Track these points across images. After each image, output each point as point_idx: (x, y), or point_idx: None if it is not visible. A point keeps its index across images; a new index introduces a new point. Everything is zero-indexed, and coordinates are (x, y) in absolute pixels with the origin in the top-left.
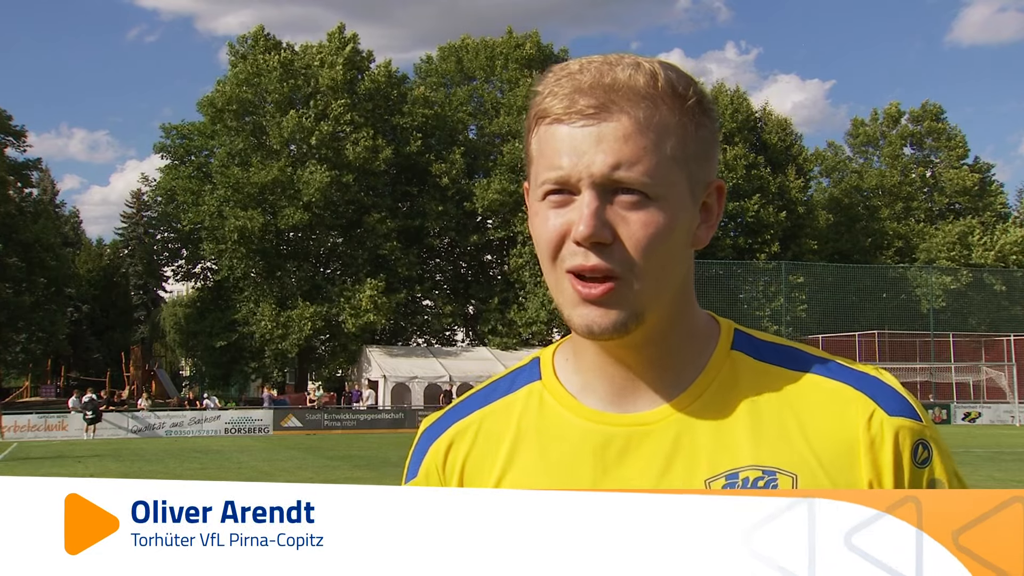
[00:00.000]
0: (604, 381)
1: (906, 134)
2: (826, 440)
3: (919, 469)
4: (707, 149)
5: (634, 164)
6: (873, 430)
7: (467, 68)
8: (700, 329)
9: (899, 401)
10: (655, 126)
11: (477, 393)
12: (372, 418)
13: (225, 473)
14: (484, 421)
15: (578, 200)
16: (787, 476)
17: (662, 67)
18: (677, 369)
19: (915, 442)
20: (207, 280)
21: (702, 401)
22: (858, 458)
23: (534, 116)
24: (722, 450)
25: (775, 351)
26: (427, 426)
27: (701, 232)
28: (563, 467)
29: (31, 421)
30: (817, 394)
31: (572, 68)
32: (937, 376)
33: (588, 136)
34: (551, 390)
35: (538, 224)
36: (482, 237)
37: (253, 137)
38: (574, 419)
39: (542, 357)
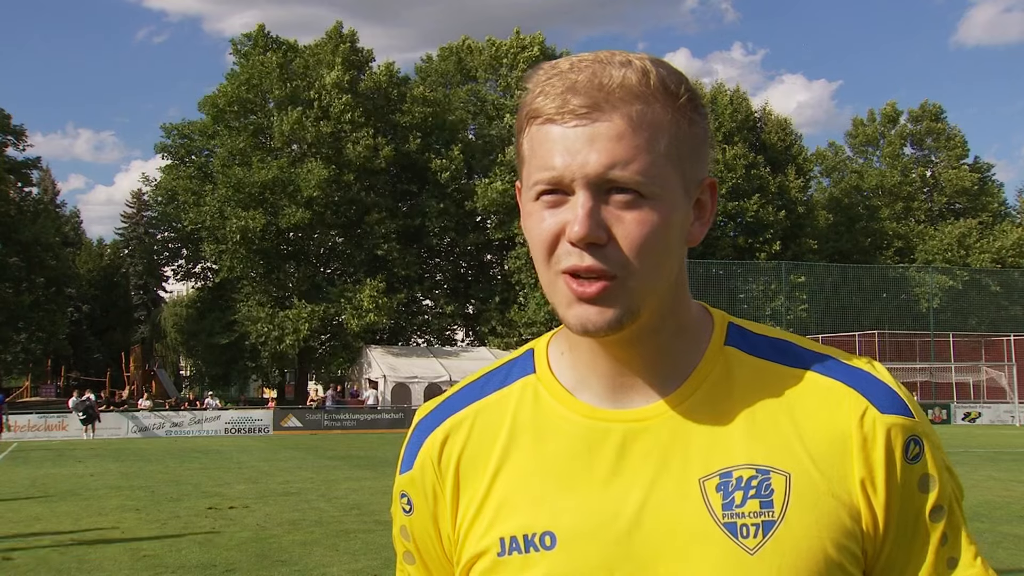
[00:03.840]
0: (599, 376)
1: (906, 134)
2: (819, 438)
3: (910, 465)
4: (700, 146)
5: (628, 163)
6: (866, 428)
7: (467, 68)
8: (693, 323)
9: (891, 397)
10: (648, 124)
11: (471, 385)
12: (372, 418)
13: (225, 473)
14: (479, 415)
15: (572, 200)
16: (781, 475)
17: (653, 64)
18: (671, 364)
19: (907, 439)
20: (207, 280)
21: (696, 398)
22: (851, 456)
23: (525, 116)
24: (716, 448)
25: (769, 345)
26: (421, 417)
27: (695, 229)
28: (558, 463)
29: (31, 421)
30: (811, 391)
31: (563, 67)
32: (937, 376)
33: (581, 136)
34: (546, 384)
35: (532, 224)
36: (482, 237)
37: (254, 136)
38: (569, 414)
39: (536, 349)
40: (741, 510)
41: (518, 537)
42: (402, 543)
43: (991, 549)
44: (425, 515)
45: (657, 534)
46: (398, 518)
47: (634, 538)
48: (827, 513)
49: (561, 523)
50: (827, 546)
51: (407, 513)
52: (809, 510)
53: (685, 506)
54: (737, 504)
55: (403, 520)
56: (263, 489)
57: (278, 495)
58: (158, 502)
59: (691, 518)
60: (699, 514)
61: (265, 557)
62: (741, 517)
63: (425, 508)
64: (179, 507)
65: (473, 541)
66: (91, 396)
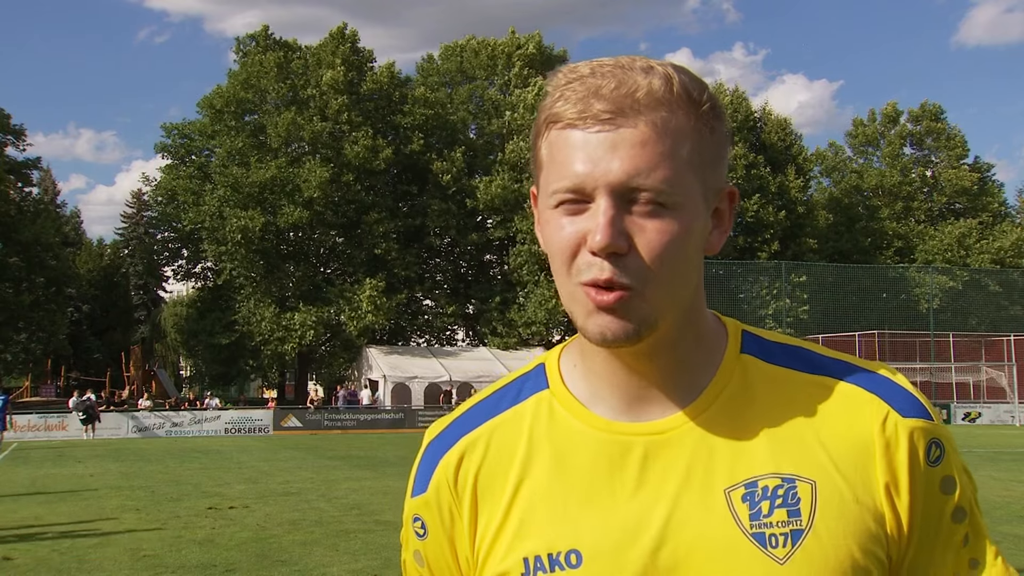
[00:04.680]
0: (614, 389)
1: (905, 134)
2: (841, 444)
3: (933, 468)
4: (720, 154)
5: (651, 171)
6: (888, 432)
7: (468, 68)
8: (709, 333)
9: (911, 402)
10: (672, 132)
11: (483, 402)
12: (372, 418)
13: (225, 473)
14: (495, 432)
15: (593, 208)
16: (806, 483)
17: (675, 71)
18: (688, 375)
19: (928, 442)
20: (207, 280)
21: (715, 408)
22: (874, 461)
23: (544, 120)
24: (740, 459)
25: (785, 353)
26: (432, 438)
27: (713, 238)
28: (579, 479)
29: (31, 421)
30: (830, 398)
31: (583, 71)
32: (937, 376)
33: (603, 142)
34: (560, 399)
35: (551, 232)
36: (482, 236)
37: (252, 136)
38: (586, 429)
39: (547, 363)
40: (769, 520)
41: (542, 556)
42: (416, 569)
43: None
44: (441, 538)
45: (684, 547)
46: (411, 543)
47: (661, 553)
48: (854, 520)
49: (585, 540)
50: (855, 552)
51: (421, 537)
52: (836, 517)
53: (711, 518)
54: (764, 514)
55: (416, 545)
56: (263, 489)
57: (278, 495)
58: (158, 502)
59: (718, 530)
60: (726, 525)
61: (265, 557)
62: (769, 527)
63: (441, 531)
64: (179, 507)
65: (494, 562)
66: (91, 396)
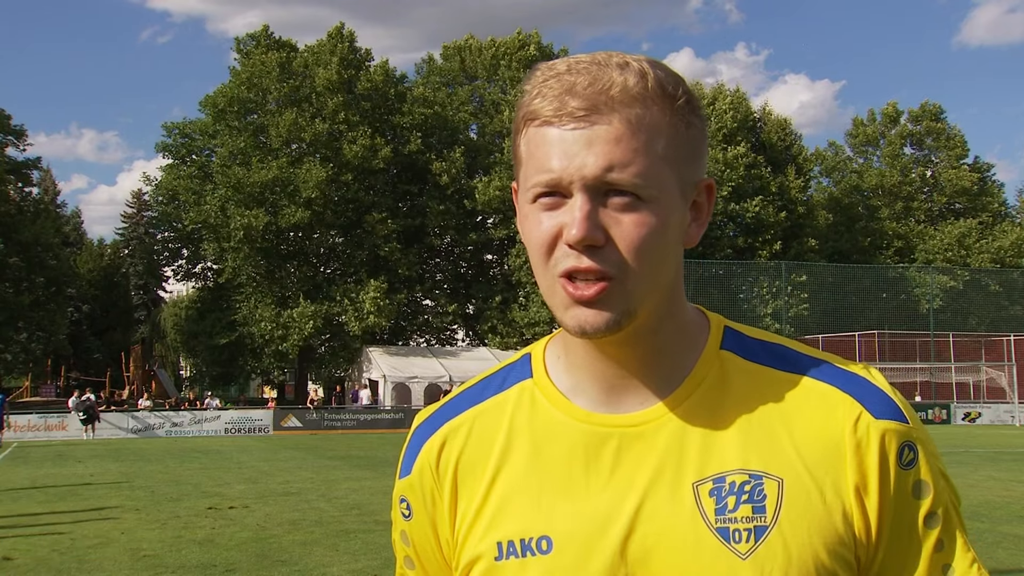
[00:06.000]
0: (594, 380)
1: (905, 134)
2: (813, 443)
3: (904, 471)
4: (697, 148)
5: (626, 166)
6: (859, 433)
7: (469, 68)
8: (689, 325)
9: (886, 403)
10: (646, 127)
11: (470, 389)
12: (372, 418)
13: (225, 473)
14: (477, 420)
15: (570, 203)
16: (773, 480)
17: (651, 66)
18: (667, 367)
19: (901, 444)
20: (207, 280)
21: (691, 403)
22: (844, 461)
23: (522, 117)
24: (710, 454)
25: (765, 350)
26: (420, 422)
27: (692, 231)
28: (555, 468)
29: (31, 421)
30: (805, 397)
31: (560, 68)
32: (937, 376)
33: (579, 139)
34: (542, 389)
35: (529, 227)
36: (482, 236)
37: (254, 136)
38: (566, 419)
39: (533, 353)
40: (733, 515)
41: (515, 541)
42: (402, 548)
43: (991, 549)
44: (424, 520)
45: (652, 539)
46: (398, 523)
47: (629, 543)
48: (820, 519)
49: (557, 528)
50: (819, 552)
51: (406, 518)
52: (801, 516)
53: (679, 511)
54: (730, 509)
55: (403, 525)
56: (263, 489)
57: (278, 495)
58: (158, 502)
59: (685, 523)
60: (692, 519)
61: (265, 557)
62: (733, 522)
63: (424, 513)
64: (179, 507)
65: (471, 545)
66: (91, 396)
